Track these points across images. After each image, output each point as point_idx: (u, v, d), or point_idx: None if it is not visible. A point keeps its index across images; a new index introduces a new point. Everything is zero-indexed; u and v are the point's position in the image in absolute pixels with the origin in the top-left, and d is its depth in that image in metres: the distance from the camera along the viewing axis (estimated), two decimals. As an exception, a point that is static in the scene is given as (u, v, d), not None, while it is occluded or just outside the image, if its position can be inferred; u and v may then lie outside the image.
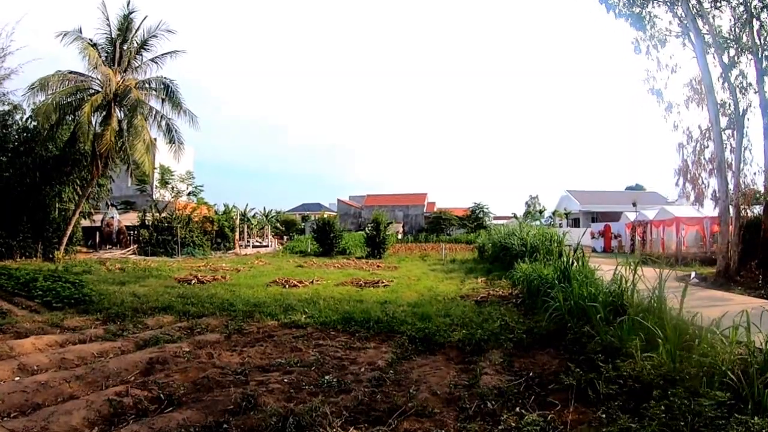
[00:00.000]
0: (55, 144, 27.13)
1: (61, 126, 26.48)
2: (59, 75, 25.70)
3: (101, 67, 26.16)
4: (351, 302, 12.88)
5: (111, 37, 27.30)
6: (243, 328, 9.92)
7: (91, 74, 26.60)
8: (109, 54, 27.51)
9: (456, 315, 10.93)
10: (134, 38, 27.96)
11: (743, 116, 19.73)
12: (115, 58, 27.50)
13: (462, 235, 67.21)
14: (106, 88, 26.36)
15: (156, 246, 34.36)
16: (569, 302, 9.05)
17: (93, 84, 26.84)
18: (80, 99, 25.93)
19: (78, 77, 26.44)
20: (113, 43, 27.36)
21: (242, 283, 17.06)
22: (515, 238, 21.90)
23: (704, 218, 30.18)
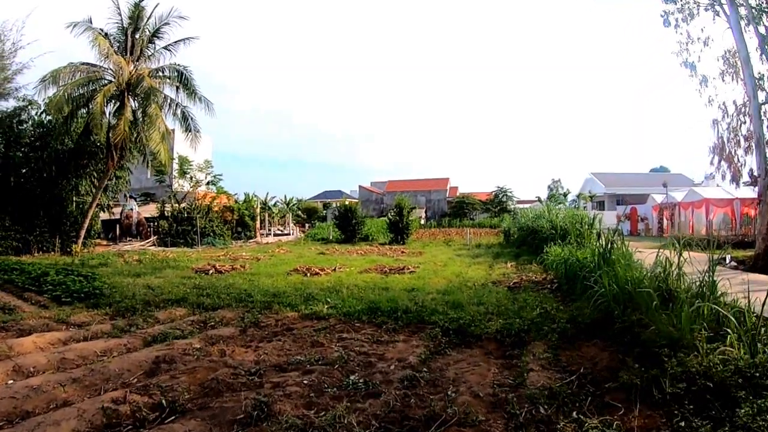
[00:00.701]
0: (70, 137, 26.60)
1: (75, 118, 25.86)
2: (71, 67, 25.11)
3: (113, 56, 25.53)
4: (376, 290, 12.16)
5: (122, 26, 26.61)
6: (260, 320, 9.26)
7: (103, 64, 25.97)
8: (121, 43, 26.85)
9: (490, 303, 10.17)
10: (146, 26, 27.23)
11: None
12: (127, 47, 26.85)
13: (486, 219, 66.25)
14: (118, 77, 25.77)
15: (176, 237, 33.95)
16: (614, 288, 8.25)
17: (105, 74, 26.24)
18: (93, 90, 25.36)
19: (90, 68, 25.81)
20: (125, 32, 26.68)
21: (262, 272, 16.43)
22: (544, 220, 21.05)
23: (734, 200, 29.51)
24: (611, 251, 10.53)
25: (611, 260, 10.13)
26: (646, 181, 61.51)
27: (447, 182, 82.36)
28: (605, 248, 10.68)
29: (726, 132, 21.27)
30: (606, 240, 10.82)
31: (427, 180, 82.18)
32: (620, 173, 65.88)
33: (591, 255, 11.39)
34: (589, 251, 11.90)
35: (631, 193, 58.01)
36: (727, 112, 20.77)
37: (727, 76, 21.04)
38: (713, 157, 21.69)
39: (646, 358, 5.84)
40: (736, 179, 21.34)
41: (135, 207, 40.10)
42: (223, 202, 41.35)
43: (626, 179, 63.40)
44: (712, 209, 30.34)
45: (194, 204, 36.80)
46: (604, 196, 61.14)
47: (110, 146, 25.57)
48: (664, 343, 5.99)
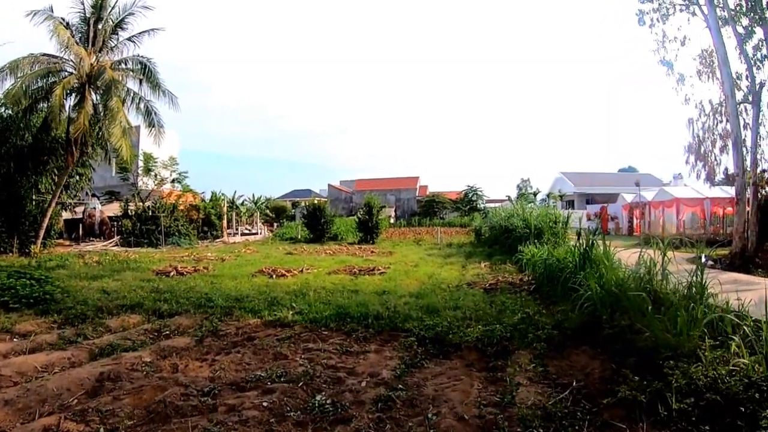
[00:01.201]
0: (30, 132, 25.45)
1: (35, 112, 24.78)
2: (31, 58, 23.97)
3: (74, 47, 24.41)
4: (345, 293, 11.48)
5: (85, 15, 25.45)
6: (219, 329, 8.51)
7: (64, 55, 24.83)
8: (83, 34, 25.72)
9: (467, 307, 9.56)
10: (109, 17, 26.16)
11: (761, 89, 18.47)
12: (89, 38, 25.70)
13: (456, 218, 65.85)
14: (79, 69, 24.65)
15: (140, 236, 32.75)
16: (600, 291, 7.72)
17: (66, 66, 25.10)
18: (52, 82, 24.19)
19: (50, 59, 24.66)
20: (87, 22, 25.52)
21: (225, 274, 15.65)
22: (517, 219, 20.54)
23: (705, 199, 29.79)
24: (591, 251, 10.10)
25: (593, 261, 9.69)
26: (615, 181, 62.46)
27: (417, 181, 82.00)
28: (586, 248, 10.21)
29: (701, 131, 21.12)
30: (586, 239, 10.35)
31: (397, 179, 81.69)
32: (589, 173, 66.42)
33: (571, 255, 10.94)
34: (569, 251, 11.45)
35: (601, 193, 58.39)
36: (704, 110, 20.60)
37: (703, 76, 20.93)
38: (688, 156, 21.56)
39: (644, 368, 5.38)
40: (711, 178, 21.24)
41: (98, 206, 38.66)
42: (189, 200, 40.16)
43: (595, 179, 63.93)
44: (682, 208, 30.30)
45: (159, 203, 35.65)
46: (574, 195, 61.43)
47: (70, 141, 24.43)
48: (664, 352, 5.47)
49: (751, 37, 18.88)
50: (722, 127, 20.20)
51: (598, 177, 64.83)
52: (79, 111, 24.45)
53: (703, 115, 20.65)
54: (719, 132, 20.43)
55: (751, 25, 18.86)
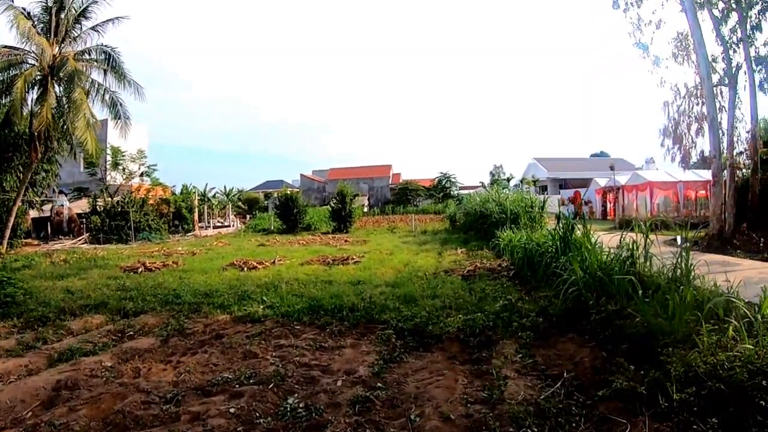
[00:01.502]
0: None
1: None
2: (-9, 50, 23.03)
3: (35, 37, 23.45)
4: (318, 285, 11.05)
5: (47, 5, 24.52)
6: (185, 327, 8.01)
7: (26, 47, 23.87)
8: (45, 24, 24.76)
9: (445, 295, 9.20)
10: (72, 5, 25.22)
11: (737, 72, 18.36)
12: (51, 28, 24.79)
13: (429, 205, 65.38)
14: (41, 61, 23.74)
15: (109, 233, 31.87)
16: (584, 275, 7.41)
17: (28, 58, 24.13)
18: (13, 75, 23.27)
19: (11, 51, 23.70)
20: (49, 12, 24.58)
21: (195, 269, 15.08)
22: (493, 204, 20.21)
23: (678, 182, 29.69)
24: (572, 235, 9.81)
25: (574, 244, 9.39)
26: (588, 166, 62.50)
27: (390, 169, 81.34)
28: (566, 232, 9.91)
29: (676, 114, 21.02)
30: (566, 223, 10.04)
31: (370, 167, 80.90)
32: (562, 158, 66.20)
33: (551, 239, 10.65)
34: (548, 235, 11.18)
35: (574, 177, 58.02)
36: (680, 93, 20.47)
37: (678, 58, 20.79)
38: (663, 139, 21.47)
39: (638, 355, 5.11)
40: (686, 161, 21.17)
41: (66, 203, 37.59)
42: (158, 194, 39.23)
43: (568, 164, 63.73)
44: (656, 192, 30.35)
45: (128, 197, 34.70)
46: (547, 180, 61.19)
47: (33, 136, 23.53)
48: (662, 338, 5.17)
49: (728, 20, 18.74)
50: (698, 110, 20.13)
51: (571, 162, 64.65)
52: (41, 104, 23.55)
53: (679, 97, 20.59)
54: (695, 115, 20.34)
55: (727, 9, 18.70)
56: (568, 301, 7.28)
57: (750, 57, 18.17)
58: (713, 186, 17.81)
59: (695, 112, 20.30)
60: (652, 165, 44.48)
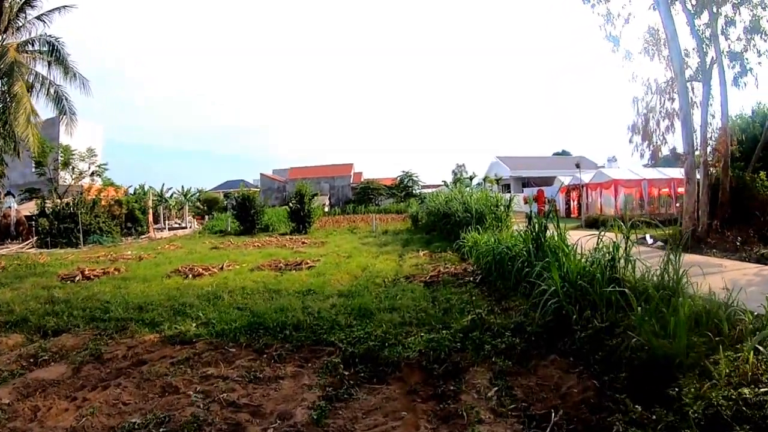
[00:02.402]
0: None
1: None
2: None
3: (-29, 27, 21.95)
4: (265, 294, 9.95)
5: (-12, -7, 23.02)
6: (105, 351, 6.83)
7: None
8: (-13, 13, 23.24)
9: (406, 307, 8.15)
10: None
11: (711, 67, 17.73)
12: (-8, 18, 23.24)
13: (391, 204, 64.64)
14: (-20, 52, 22.17)
15: (58, 236, 30.02)
16: (562, 283, 6.47)
17: (-34, 48, 22.60)
18: (-50, 68, 21.76)
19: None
20: (-9, 1, 23.09)
21: (138, 276, 13.83)
22: (457, 203, 19.14)
23: (642, 180, 29.75)
24: (545, 237, 8.88)
25: (549, 248, 8.45)
26: (550, 164, 62.54)
27: (351, 168, 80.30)
28: (538, 233, 8.96)
29: (646, 110, 20.38)
30: (538, 223, 9.08)
31: (331, 166, 79.68)
32: (525, 157, 66.34)
33: (522, 242, 9.67)
34: (519, 237, 10.23)
35: (537, 176, 58.11)
36: (651, 88, 19.79)
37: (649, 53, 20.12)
38: (632, 136, 20.78)
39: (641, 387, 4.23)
40: (655, 158, 20.56)
41: (13, 204, 35.65)
42: (110, 195, 37.42)
43: (531, 162, 63.81)
44: (620, 190, 30.01)
45: (78, 198, 32.91)
46: (510, 179, 61.09)
47: (-29, 133, 22.04)
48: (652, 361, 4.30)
49: (702, 13, 18.07)
50: (669, 106, 19.49)
51: (534, 161, 64.73)
52: (-22, 99, 22.19)
53: (650, 93, 19.85)
54: (665, 111, 19.69)
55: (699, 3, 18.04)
56: (547, 314, 6.29)
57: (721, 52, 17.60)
58: (687, 183, 17.14)
59: (666, 108, 19.64)
60: (614, 163, 44.48)
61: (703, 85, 17.80)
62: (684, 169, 17.40)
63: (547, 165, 61.85)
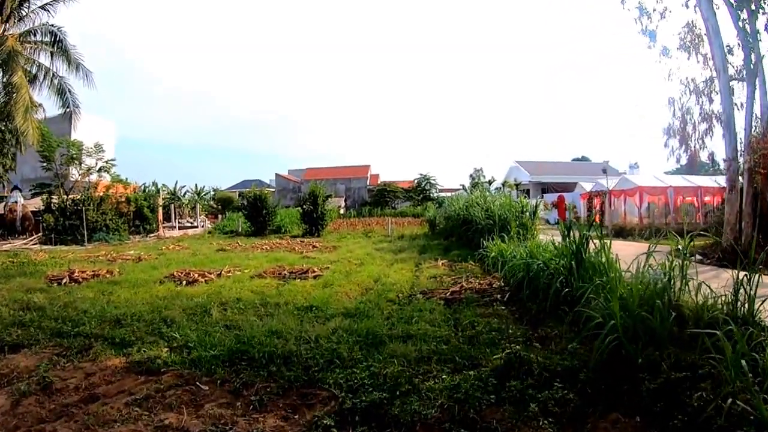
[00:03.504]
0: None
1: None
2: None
3: (-25, 17, 21.17)
4: (260, 310, 8.65)
5: (-11, -18, 22.26)
6: (54, 380, 5.58)
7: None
8: (-13, 3, 22.47)
9: (422, 334, 6.74)
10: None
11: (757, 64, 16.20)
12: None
13: (408, 208, 63.74)
14: (-19, 42, 21.37)
15: (63, 233, 29.33)
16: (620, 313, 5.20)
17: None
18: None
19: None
20: (-7, -11, 22.35)
21: (129, 280, 12.70)
22: (478, 209, 17.73)
23: (668, 187, 28.36)
24: (586, 251, 7.56)
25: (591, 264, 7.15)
26: (571, 170, 61.91)
27: (368, 170, 79.13)
28: (579, 247, 7.60)
29: (682, 112, 18.93)
30: (580, 235, 7.72)
31: (347, 167, 78.60)
32: (545, 161, 65.33)
33: (557, 255, 8.32)
34: (552, 249, 8.93)
35: (557, 182, 57.07)
36: (689, 87, 18.31)
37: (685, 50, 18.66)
38: (667, 139, 19.34)
39: None
40: (693, 163, 19.13)
41: (20, 199, 34.89)
42: (119, 192, 36.44)
43: (551, 167, 62.78)
44: (645, 197, 28.70)
45: (86, 195, 32.10)
46: (529, 184, 59.79)
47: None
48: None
49: (744, 7, 16.58)
50: (708, 107, 18.04)
51: (554, 166, 63.71)
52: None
53: (688, 92, 18.37)
54: (704, 113, 18.24)
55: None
56: (602, 353, 4.94)
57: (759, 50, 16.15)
58: (729, 192, 15.71)
59: (705, 109, 18.19)
60: (636, 170, 43.20)
61: (747, 85, 16.27)
62: (726, 176, 15.99)
63: (568, 170, 61.03)
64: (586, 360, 5.18)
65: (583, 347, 5.47)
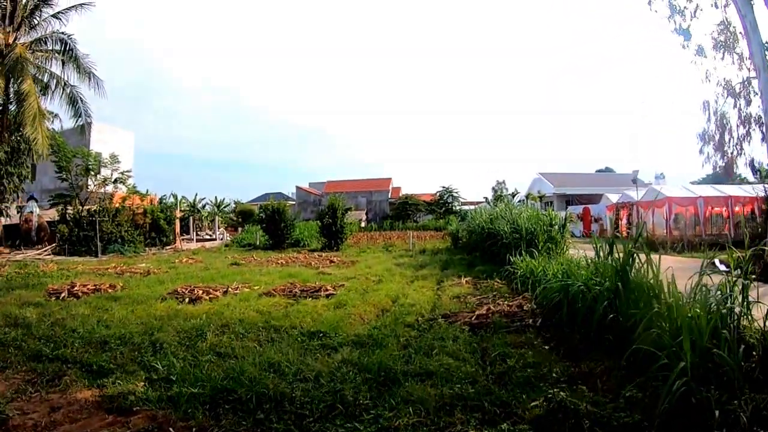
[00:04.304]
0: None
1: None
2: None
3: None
4: (262, 335, 7.71)
5: (2, -10, 22.10)
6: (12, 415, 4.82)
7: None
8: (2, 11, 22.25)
9: (445, 370, 5.68)
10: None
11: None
12: (6, 15, 22.12)
13: (430, 221, 63.10)
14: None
15: (77, 244, 29.03)
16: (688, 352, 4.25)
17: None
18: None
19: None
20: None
21: (132, 295, 11.90)
22: (504, 222, 16.60)
23: (698, 198, 27.56)
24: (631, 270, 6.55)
25: (639, 285, 6.16)
26: (595, 181, 61.05)
27: (389, 182, 78.61)
28: (624, 265, 6.57)
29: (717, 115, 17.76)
30: (625, 252, 6.67)
31: (369, 180, 78.17)
32: (569, 173, 64.65)
33: (596, 274, 7.40)
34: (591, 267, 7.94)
35: (581, 194, 56.47)
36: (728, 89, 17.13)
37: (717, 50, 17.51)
38: (702, 146, 18.11)
39: None
40: (729, 171, 17.92)
41: (35, 209, 34.74)
42: (135, 203, 36.00)
43: (575, 179, 61.88)
44: (674, 208, 28.01)
45: (101, 206, 31.72)
46: (553, 196, 58.80)
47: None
48: None
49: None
50: (746, 110, 16.87)
51: (578, 178, 62.72)
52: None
53: (725, 94, 17.20)
54: (743, 116, 17.07)
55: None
56: (671, 400, 3.93)
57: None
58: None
59: (743, 113, 17.01)
60: (662, 180, 42.18)
61: (792, 86, 15.15)
62: (767, 184, 14.88)
63: (592, 182, 60.15)
64: (645, 408, 4.19)
65: (640, 391, 4.46)
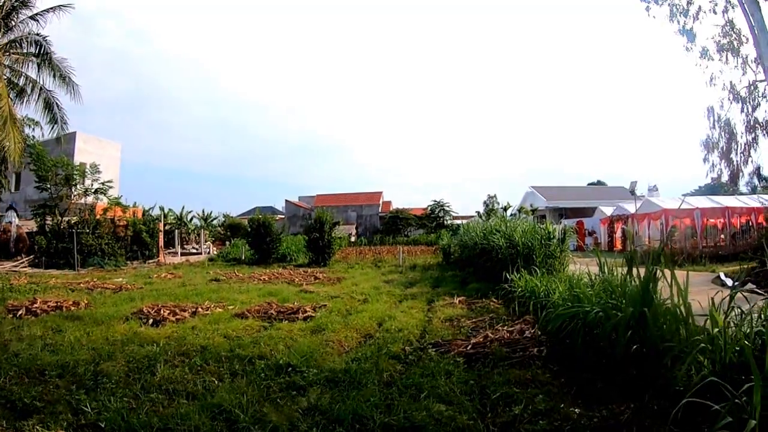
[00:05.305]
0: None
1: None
2: None
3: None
4: (223, 368, 6.61)
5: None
6: None
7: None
8: (-23, 12, 21.45)
9: (435, 423, 4.58)
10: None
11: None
12: (-18, 17, 21.33)
13: (421, 235, 62.94)
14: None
15: (55, 256, 28.11)
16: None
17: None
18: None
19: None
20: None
21: (93, 315, 10.87)
22: (499, 236, 15.46)
23: (694, 209, 27.33)
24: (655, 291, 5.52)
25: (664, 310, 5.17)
26: (588, 195, 61.69)
27: (380, 197, 77.87)
28: (646, 286, 5.52)
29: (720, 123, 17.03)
30: (646, 271, 5.61)
31: (359, 194, 77.39)
32: (561, 186, 64.61)
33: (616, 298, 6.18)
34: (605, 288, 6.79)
35: (574, 207, 56.62)
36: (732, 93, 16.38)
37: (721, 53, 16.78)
38: (706, 154, 17.40)
39: None
40: (734, 179, 17.17)
41: (14, 219, 33.76)
42: (117, 214, 34.90)
43: (567, 193, 61.92)
44: (671, 220, 27.69)
45: (82, 217, 31.01)
46: (546, 209, 58.34)
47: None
48: None
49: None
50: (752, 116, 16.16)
51: (570, 191, 62.70)
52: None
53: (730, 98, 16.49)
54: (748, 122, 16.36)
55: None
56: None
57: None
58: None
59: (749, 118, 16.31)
60: (655, 192, 42.00)
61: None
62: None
63: (584, 195, 60.80)
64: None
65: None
